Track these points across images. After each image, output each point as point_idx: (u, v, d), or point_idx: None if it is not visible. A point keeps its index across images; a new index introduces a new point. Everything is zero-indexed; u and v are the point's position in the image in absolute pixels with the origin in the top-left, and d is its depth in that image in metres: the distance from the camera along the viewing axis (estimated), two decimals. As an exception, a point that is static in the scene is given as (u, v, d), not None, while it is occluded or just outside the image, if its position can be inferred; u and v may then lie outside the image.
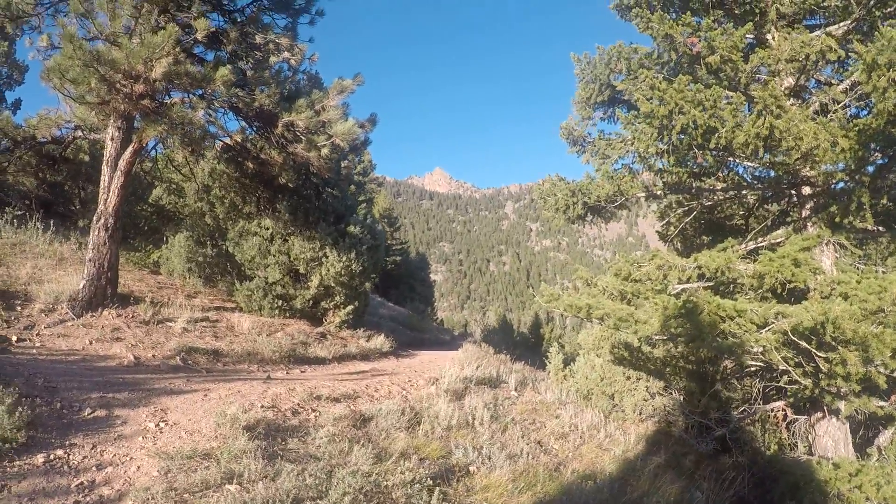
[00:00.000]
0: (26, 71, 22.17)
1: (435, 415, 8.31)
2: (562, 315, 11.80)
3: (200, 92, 10.55)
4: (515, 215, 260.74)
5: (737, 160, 9.72)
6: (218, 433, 6.37)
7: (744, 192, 10.93)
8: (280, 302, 13.96)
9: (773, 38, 9.80)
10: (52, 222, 15.14)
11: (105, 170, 11.64)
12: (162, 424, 6.53)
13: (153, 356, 9.92)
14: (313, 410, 7.88)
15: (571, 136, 12.83)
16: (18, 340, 9.57)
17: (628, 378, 11.82)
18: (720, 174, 10.50)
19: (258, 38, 11.58)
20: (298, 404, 7.99)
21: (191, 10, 11.00)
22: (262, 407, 7.51)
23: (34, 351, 9.25)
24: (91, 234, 11.50)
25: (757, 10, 10.01)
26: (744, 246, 10.25)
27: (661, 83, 8.46)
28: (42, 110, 13.27)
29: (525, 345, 35.72)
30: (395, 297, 38.55)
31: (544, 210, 11.62)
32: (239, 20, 12.48)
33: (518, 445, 8.12)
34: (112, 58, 9.25)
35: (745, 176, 10.75)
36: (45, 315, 10.82)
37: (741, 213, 12.61)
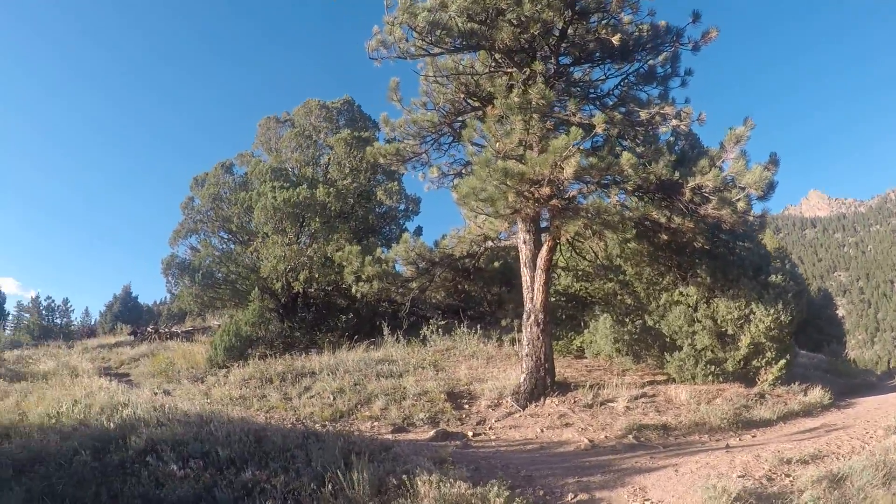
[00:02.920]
0: (420, 201, 24.90)
1: (909, 467, 7.38)
2: None
3: (594, 180, 11.05)
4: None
5: None
6: (708, 507, 6.26)
7: None
8: (712, 367, 13.51)
9: None
10: (477, 326, 16.68)
11: (525, 271, 12.65)
12: (647, 503, 6.61)
13: (605, 437, 10.19)
14: (786, 475, 7.41)
15: None
16: (474, 435, 10.52)
17: None
18: None
19: (643, 115, 11.89)
20: (770, 470, 7.57)
21: (566, 110, 11.73)
22: (737, 476, 7.27)
23: (493, 443, 10.05)
24: (524, 330, 12.45)
25: None
26: None
27: None
28: (452, 230, 14.95)
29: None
30: (802, 341, 35.13)
31: None
32: (609, 104, 13.06)
33: None
34: (519, 171, 10.12)
35: None
36: (492, 409, 11.80)
37: None
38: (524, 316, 12.59)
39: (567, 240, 13.02)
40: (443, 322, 17.59)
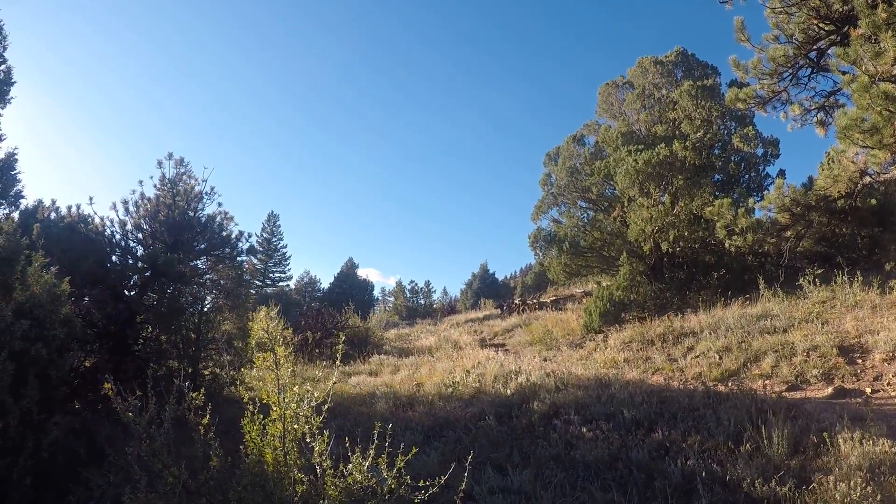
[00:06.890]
0: (778, 143, 23.00)
1: None
2: None
3: None
4: None
5: None
6: None
7: None
8: None
9: None
10: (857, 273, 15.16)
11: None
12: None
13: None
14: None
15: None
16: (873, 392, 9.68)
17: None
18: None
19: None
20: None
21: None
22: None
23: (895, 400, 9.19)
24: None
25: None
26: None
27: None
28: (824, 169, 13.72)
29: None
30: None
31: None
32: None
33: None
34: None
35: None
36: (888, 363, 10.74)
37: None
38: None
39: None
40: (819, 271, 16.23)
